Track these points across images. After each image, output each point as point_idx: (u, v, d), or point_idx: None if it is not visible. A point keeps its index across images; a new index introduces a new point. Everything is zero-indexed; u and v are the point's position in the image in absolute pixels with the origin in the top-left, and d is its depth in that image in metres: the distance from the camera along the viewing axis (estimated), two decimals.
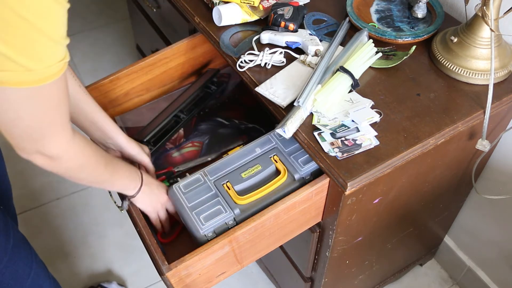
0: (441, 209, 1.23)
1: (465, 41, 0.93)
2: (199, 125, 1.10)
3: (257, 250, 0.91)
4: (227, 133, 1.09)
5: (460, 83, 0.94)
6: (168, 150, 1.06)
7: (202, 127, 1.09)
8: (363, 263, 1.18)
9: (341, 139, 0.84)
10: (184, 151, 1.06)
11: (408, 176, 0.92)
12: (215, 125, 1.10)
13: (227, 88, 1.17)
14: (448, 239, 1.48)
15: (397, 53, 0.99)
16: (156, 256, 0.79)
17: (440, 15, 1.04)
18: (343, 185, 0.79)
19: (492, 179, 1.21)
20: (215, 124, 1.10)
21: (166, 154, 1.06)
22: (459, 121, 0.88)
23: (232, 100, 1.17)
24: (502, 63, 0.93)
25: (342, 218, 0.89)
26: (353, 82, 0.91)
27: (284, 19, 1.02)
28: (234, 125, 1.10)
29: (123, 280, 1.58)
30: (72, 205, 1.76)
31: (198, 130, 1.09)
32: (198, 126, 1.10)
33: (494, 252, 1.34)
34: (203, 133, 1.09)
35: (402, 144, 0.84)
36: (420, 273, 1.55)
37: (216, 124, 1.10)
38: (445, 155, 0.96)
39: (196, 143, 1.07)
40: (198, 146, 1.06)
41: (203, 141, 1.07)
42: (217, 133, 1.09)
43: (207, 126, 1.09)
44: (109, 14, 2.53)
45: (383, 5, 1.11)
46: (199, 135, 1.08)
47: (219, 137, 1.08)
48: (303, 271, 1.16)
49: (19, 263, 0.89)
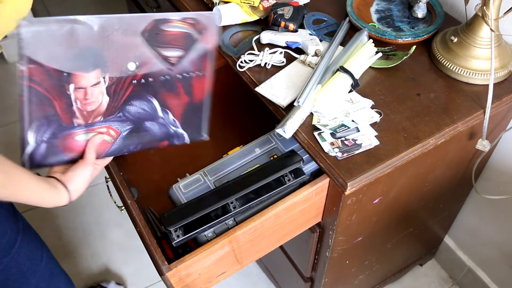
0: (441, 209, 1.23)
1: (465, 41, 0.93)
2: (130, 103, 0.81)
3: (257, 250, 0.91)
4: (154, 130, 0.84)
5: (460, 83, 0.94)
6: (74, 127, 0.78)
7: (131, 109, 0.81)
8: (363, 263, 1.18)
9: (341, 139, 0.84)
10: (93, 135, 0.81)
11: (408, 176, 0.92)
12: (148, 112, 0.83)
13: (305, 180, 0.90)
14: (448, 239, 1.48)
15: (397, 53, 0.99)
16: (156, 256, 0.79)
17: (440, 15, 1.04)
18: (343, 185, 0.79)
19: (492, 179, 1.21)
20: (149, 110, 0.83)
21: (68, 133, 0.78)
22: (459, 121, 0.88)
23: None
24: (502, 63, 0.93)
25: (342, 218, 0.89)
26: (353, 82, 0.91)
27: (284, 19, 1.02)
28: (167, 121, 0.84)
29: (123, 280, 1.58)
30: (72, 205, 1.76)
31: (124, 112, 0.81)
32: (127, 105, 0.80)
33: (494, 252, 1.34)
34: (127, 119, 0.82)
35: (402, 144, 0.84)
36: (420, 273, 1.55)
37: (149, 111, 0.83)
38: (445, 155, 0.96)
39: (112, 131, 0.81)
40: (112, 137, 0.82)
41: (120, 131, 0.82)
42: (142, 126, 0.83)
43: (137, 109, 0.82)
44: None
45: (383, 5, 1.10)
46: (120, 120, 0.81)
47: (142, 133, 0.83)
48: (303, 271, 1.16)
49: (32, 245, 0.91)
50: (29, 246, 0.90)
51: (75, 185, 0.78)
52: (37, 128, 0.77)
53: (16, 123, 2.02)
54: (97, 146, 0.81)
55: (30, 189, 0.71)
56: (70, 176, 0.78)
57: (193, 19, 0.78)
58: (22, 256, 0.88)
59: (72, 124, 0.78)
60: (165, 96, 0.83)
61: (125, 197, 0.89)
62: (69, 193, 0.77)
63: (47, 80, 0.74)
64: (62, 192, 0.76)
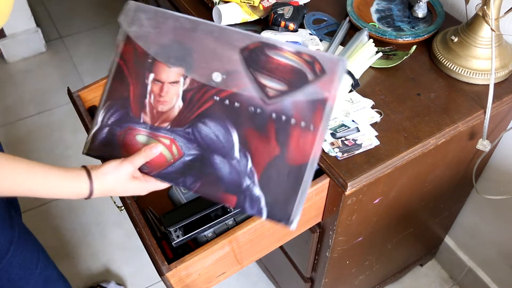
0: (441, 209, 1.23)
1: (465, 40, 0.93)
2: (204, 121, 0.69)
3: (257, 250, 0.90)
4: (222, 171, 0.68)
5: (460, 83, 0.94)
6: (139, 123, 0.73)
7: (203, 129, 0.69)
8: (363, 264, 1.18)
9: (341, 139, 0.84)
10: (158, 144, 0.73)
11: (408, 176, 0.92)
12: (222, 143, 0.68)
13: None
14: (448, 239, 1.48)
15: (397, 53, 0.99)
16: (156, 256, 0.78)
17: (441, 14, 1.04)
18: (343, 185, 0.79)
19: (492, 179, 1.21)
20: (224, 140, 0.68)
21: (132, 126, 0.73)
22: (460, 121, 0.88)
23: None
24: (502, 62, 0.93)
25: (342, 218, 0.88)
26: (353, 82, 0.90)
27: (284, 18, 1.01)
28: (242, 168, 0.68)
29: (122, 280, 1.58)
30: (72, 205, 1.76)
31: (194, 128, 0.70)
32: (200, 122, 0.69)
33: (494, 252, 1.33)
34: (195, 141, 0.70)
35: (402, 144, 0.84)
36: (420, 273, 1.55)
37: (224, 143, 0.68)
38: (446, 155, 0.95)
39: (175, 147, 0.71)
40: (172, 156, 0.71)
41: (183, 153, 0.70)
42: (209, 158, 0.69)
43: (211, 133, 0.68)
44: (108, 14, 2.53)
45: (383, 4, 1.10)
46: (187, 139, 0.70)
47: (207, 167, 0.69)
48: (303, 271, 1.16)
49: (26, 253, 0.89)
50: (24, 255, 0.88)
51: (103, 181, 0.70)
52: (107, 108, 0.75)
53: (16, 123, 2.02)
54: (153, 155, 0.72)
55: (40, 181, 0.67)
56: (102, 169, 0.70)
57: (311, 56, 0.63)
58: (15, 265, 0.86)
59: (138, 118, 0.73)
60: (249, 133, 0.67)
61: (124, 197, 0.89)
62: (91, 185, 0.69)
63: (133, 61, 0.73)
64: (82, 183, 0.69)
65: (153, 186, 0.74)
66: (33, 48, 2.30)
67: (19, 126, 2.02)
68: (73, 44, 2.37)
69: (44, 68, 2.26)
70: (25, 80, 2.20)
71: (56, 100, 2.12)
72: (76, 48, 2.34)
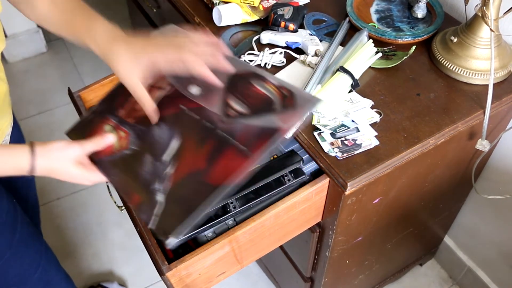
0: (441, 209, 1.23)
1: (465, 41, 0.93)
2: (160, 124, 0.71)
3: (257, 250, 0.91)
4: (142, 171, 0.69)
5: (460, 83, 0.95)
6: (114, 115, 0.75)
7: (155, 131, 0.70)
8: (363, 263, 1.18)
9: (341, 139, 0.84)
10: (113, 136, 0.73)
11: (408, 176, 0.92)
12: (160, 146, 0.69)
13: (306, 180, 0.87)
14: (448, 239, 1.48)
15: (397, 53, 0.99)
16: (156, 256, 0.79)
17: (440, 15, 1.04)
18: (343, 185, 0.79)
19: (492, 179, 1.21)
20: (163, 144, 0.69)
21: (108, 116, 0.75)
22: (459, 121, 0.88)
23: None
24: (502, 63, 0.93)
25: (342, 218, 0.89)
26: (353, 82, 0.91)
27: (284, 19, 1.02)
28: (161, 171, 0.68)
29: (123, 280, 1.58)
30: (72, 205, 1.76)
31: (148, 128, 0.72)
32: (156, 124, 0.71)
33: (494, 252, 1.34)
34: (140, 138, 0.72)
35: (402, 144, 0.84)
36: (420, 273, 1.55)
37: (162, 146, 0.69)
38: (445, 155, 0.96)
39: (124, 140, 0.73)
40: (120, 147, 0.72)
41: (128, 147, 0.71)
42: (140, 157, 0.70)
43: (158, 135, 0.70)
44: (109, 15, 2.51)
45: (383, 5, 1.11)
46: (137, 135, 0.73)
47: (135, 164, 0.70)
48: (303, 271, 1.16)
49: (26, 258, 0.88)
50: (22, 260, 0.87)
51: (47, 158, 0.67)
52: (105, 99, 0.79)
53: None
54: (103, 144, 0.73)
55: None
56: (48, 145, 0.68)
57: (289, 91, 0.64)
58: (10, 271, 0.85)
59: (117, 111, 0.76)
60: (188, 145, 0.67)
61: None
62: (32, 160, 0.66)
63: None
64: (24, 158, 0.66)
65: (97, 178, 0.72)
66: (34, 48, 2.31)
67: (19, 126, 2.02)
68: (74, 45, 2.37)
69: (44, 68, 2.27)
70: (26, 80, 2.21)
71: (57, 100, 2.12)
72: (77, 49, 2.35)
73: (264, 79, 0.67)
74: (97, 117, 0.77)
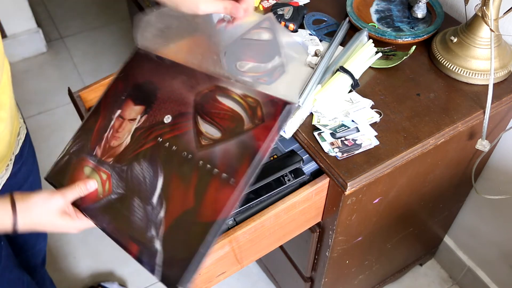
0: (440, 209, 1.23)
1: (465, 41, 0.93)
2: (140, 160, 0.68)
3: (257, 250, 0.91)
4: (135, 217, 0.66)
5: (460, 83, 0.95)
6: (91, 156, 0.73)
7: (136, 169, 0.68)
8: (363, 263, 1.18)
9: (341, 139, 0.84)
10: (95, 181, 0.70)
11: (408, 176, 0.92)
12: (147, 186, 0.66)
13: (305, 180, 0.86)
14: (447, 239, 1.48)
15: (397, 53, 0.99)
16: None
17: (440, 15, 1.04)
18: (343, 185, 0.79)
19: (491, 179, 1.21)
20: (149, 184, 0.66)
21: (84, 157, 0.73)
22: (459, 121, 0.88)
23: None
24: (502, 63, 0.93)
25: (342, 218, 0.89)
26: (353, 82, 0.91)
27: (284, 19, 1.02)
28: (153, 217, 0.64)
29: (123, 280, 1.58)
30: None
31: (129, 167, 0.68)
32: (136, 161, 0.68)
33: (493, 252, 1.34)
34: (124, 180, 0.69)
35: (402, 144, 0.84)
36: (420, 273, 1.55)
37: (149, 187, 0.66)
38: (445, 155, 0.96)
39: (107, 184, 0.69)
40: (103, 192, 0.69)
41: (112, 191, 0.69)
42: (129, 201, 0.67)
43: (140, 174, 0.67)
44: (109, 15, 2.53)
45: (383, 5, 1.11)
46: (120, 177, 0.69)
47: (124, 210, 0.67)
48: (303, 271, 1.16)
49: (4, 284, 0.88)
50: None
51: (29, 214, 0.63)
52: (76, 137, 0.76)
53: None
54: (86, 191, 0.69)
55: None
56: (29, 200, 0.63)
57: (255, 100, 0.57)
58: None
59: (92, 151, 0.73)
60: (173, 179, 0.63)
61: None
62: (14, 218, 0.62)
63: (110, 96, 0.75)
64: (5, 216, 0.62)
65: (84, 224, 0.70)
66: (34, 48, 2.31)
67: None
68: (74, 45, 2.37)
69: (44, 68, 2.27)
70: (26, 80, 2.21)
71: (57, 100, 2.12)
72: (77, 49, 2.35)
73: (227, 90, 0.61)
74: (74, 158, 0.74)
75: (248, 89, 0.61)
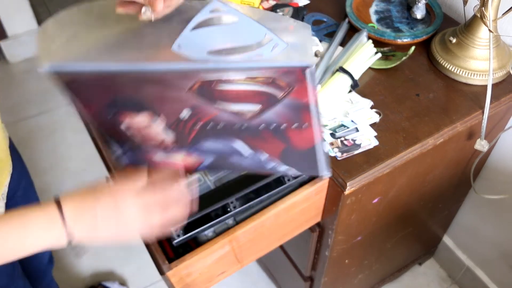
0: (440, 208, 1.23)
1: (463, 41, 0.94)
2: (199, 141, 0.63)
3: (257, 250, 0.91)
4: (243, 164, 0.67)
5: (458, 84, 0.95)
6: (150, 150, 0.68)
7: (205, 146, 0.64)
8: (363, 263, 1.19)
9: (340, 139, 0.84)
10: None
11: (407, 176, 0.92)
12: (228, 151, 0.64)
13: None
14: (447, 238, 1.48)
15: (396, 53, 1.00)
16: (157, 255, 0.79)
17: (439, 16, 1.04)
18: (343, 185, 0.80)
19: (490, 179, 1.22)
20: (228, 149, 0.64)
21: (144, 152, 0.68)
22: (458, 121, 0.88)
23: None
24: (500, 63, 0.93)
25: (341, 218, 0.89)
26: (352, 82, 0.91)
27: None
28: (259, 160, 0.65)
29: (123, 279, 1.58)
30: None
31: (197, 148, 0.65)
32: (198, 143, 0.64)
33: (492, 252, 1.34)
34: (206, 152, 0.67)
35: (401, 144, 0.84)
36: (419, 272, 1.56)
37: (229, 150, 0.64)
38: (444, 155, 0.96)
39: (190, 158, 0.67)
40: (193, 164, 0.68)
41: (203, 159, 0.67)
42: (225, 160, 0.67)
43: (214, 146, 0.64)
44: None
45: (382, 6, 1.11)
46: (198, 151, 0.66)
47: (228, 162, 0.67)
48: (303, 270, 1.16)
49: None
50: None
51: (83, 222, 0.52)
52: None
53: (18, 123, 2.03)
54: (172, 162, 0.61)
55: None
56: (80, 208, 0.52)
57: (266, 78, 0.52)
58: None
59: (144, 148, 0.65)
60: (248, 139, 0.61)
61: None
62: (65, 230, 0.51)
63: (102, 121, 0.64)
64: (57, 231, 0.51)
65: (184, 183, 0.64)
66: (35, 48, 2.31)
67: (20, 127, 2.02)
68: None
69: None
70: (27, 81, 2.21)
71: (58, 100, 2.12)
72: None
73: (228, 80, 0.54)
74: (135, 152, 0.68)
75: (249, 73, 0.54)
